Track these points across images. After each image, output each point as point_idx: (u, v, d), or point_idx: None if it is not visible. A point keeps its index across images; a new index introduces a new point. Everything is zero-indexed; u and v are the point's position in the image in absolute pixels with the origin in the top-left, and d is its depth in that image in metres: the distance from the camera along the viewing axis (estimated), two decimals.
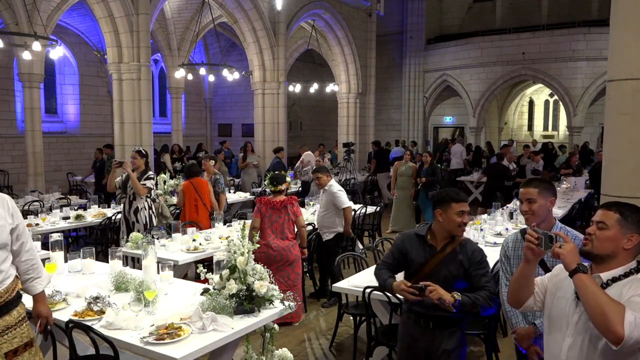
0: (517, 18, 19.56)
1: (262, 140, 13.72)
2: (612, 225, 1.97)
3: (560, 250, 1.93)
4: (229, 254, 3.21)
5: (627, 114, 2.93)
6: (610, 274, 1.96)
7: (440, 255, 2.84)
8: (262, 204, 5.12)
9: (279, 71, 13.43)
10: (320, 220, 6.06)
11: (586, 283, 1.84)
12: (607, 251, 1.97)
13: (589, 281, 1.84)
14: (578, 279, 1.86)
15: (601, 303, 1.77)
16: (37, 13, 10.15)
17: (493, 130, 20.84)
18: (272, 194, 5.21)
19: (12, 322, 2.51)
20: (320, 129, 21.73)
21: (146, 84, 10.23)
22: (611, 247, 1.97)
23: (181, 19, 14.99)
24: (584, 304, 1.85)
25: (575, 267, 1.88)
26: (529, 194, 2.73)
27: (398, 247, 2.98)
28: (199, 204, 6.55)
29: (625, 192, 2.96)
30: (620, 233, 1.96)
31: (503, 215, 6.64)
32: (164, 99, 18.68)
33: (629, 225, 1.96)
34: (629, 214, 1.98)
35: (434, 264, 2.83)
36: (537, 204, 2.71)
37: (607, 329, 1.74)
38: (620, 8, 2.98)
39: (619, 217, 1.97)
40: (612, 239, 1.97)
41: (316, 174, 6.05)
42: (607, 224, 1.98)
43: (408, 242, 2.95)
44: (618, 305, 1.77)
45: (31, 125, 10.92)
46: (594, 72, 16.28)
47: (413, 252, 2.90)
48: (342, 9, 15.44)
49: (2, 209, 2.56)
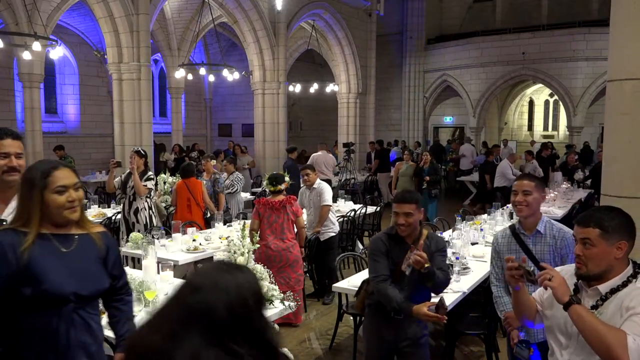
0: (517, 18, 19.55)
1: (262, 140, 13.71)
2: (597, 242, 1.90)
3: (550, 284, 1.89)
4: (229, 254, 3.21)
5: (627, 114, 2.94)
6: (609, 285, 1.92)
7: (416, 248, 2.95)
8: (260, 205, 5.10)
9: (279, 71, 13.43)
10: (312, 220, 6.03)
11: (582, 315, 1.80)
12: (602, 268, 1.91)
13: (584, 312, 1.81)
14: (574, 312, 1.82)
15: (601, 334, 1.75)
16: (37, 13, 10.15)
17: (493, 130, 20.84)
18: (271, 194, 5.19)
19: None
20: (320, 129, 21.71)
21: (146, 84, 10.23)
22: (605, 263, 1.91)
23: (181, 19, 14.99)
24: (583, 336, 1.82)
25: (569, 299, 1.84)
26: (525, 186, 2.83)
27: (381, 251, 3.01)
28: (191, 203, 6.55)
29: (625, 192, 2.96)
30: (608, 246, 1.90)
31: (503, 215, 6.64)
32: (164, 99, 18.68)
33: (613, 234, 1.90)
34: (608, 224, 1.91)
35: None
36: (532, 196, 2.81)
37: (611, 358, 1.73)
38: (620, 8, 2.98)
39: (600, 232, 1.90)
40: (602, 254, 1.91)
41: (305, 171, 6.04)
42: (592, 241, 1.91)
43: (387, 241, 3.02)
44: (617, 333, 1.75)
45: (31, 125, 10.92)
46: (594, 72, 16.28)
47: (393, 251, 2.99)
48: (342, 9, 15.44)
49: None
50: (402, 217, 2.91)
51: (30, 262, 1.89)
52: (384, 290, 2.91)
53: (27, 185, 2.00)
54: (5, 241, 1.91)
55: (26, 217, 1.96)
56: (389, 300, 2.90)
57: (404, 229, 2.94)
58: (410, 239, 2.98)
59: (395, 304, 2.87)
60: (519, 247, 2.87)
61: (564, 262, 2.74)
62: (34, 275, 1.89)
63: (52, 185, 1.97)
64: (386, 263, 2.98)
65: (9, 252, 1.89)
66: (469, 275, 4.29)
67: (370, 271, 3.10)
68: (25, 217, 1.97)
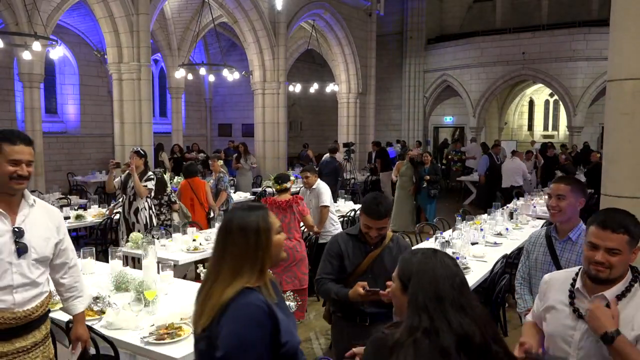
0: (517, 18, 19.55)
1: (262, 140, 13.71)
2: (624, 249, 1.85)
3: (596, 313, 1.81)
4: None
5: (627, 114, 2.93)
6: (614, 291, 1.88)
7: (376, 252, 2.89)
8: (267, 204, 5.12)
9: (279, 71, 13.43)
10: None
11: (626, 349, 1.74)
12: (620, 273, 1.88)
13: (626, 345, 1.75)
14: (621, 344, 1.74)
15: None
16: (37, 13, 10.15)
17: (493, 130, 20.83)
18: (276, 194, 5.21)
19: (40, 338, 2.44)
20: (320, 129, 21.71)
21: (146, 84, 10.23)
22: (624, 268, 1.88)
23: (181, 19, 14.99)
24: None
25: (613, 331, 1.77)
26: (560, 190, 2.71)
27: (333, 252, 2.96)
28: (195, 203, 6.60)
29: (625, 192, 2.95)
30: (629, 252, 1.87)
31: (503, 215, 6.64)
32: (164, 99, 18.68)
33: (634, 241, 1.87)
34: (633, 230, 1.86)
35: (372, 259, 2.89)
36: (566, 201, 2.69)
37: None
38: (620, 8, 2.98)
39: (629, 239, 1.85)
40: (625, 260, 1.87)
41: (305, 173, 6.05)
42: (620, 250, 1.84)
43: (343, 243, 2.95)
44: None
45: (31, 125, 10.92)
46: (594, 72, 16.27)
47: (350, 252, 2.92)
48: (342, 9, 15.43)
49: (51, 222, 2.48)
50: (376, 231, 2.83)
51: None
52: (323, 287, 2.92)
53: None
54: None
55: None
56: (327, 293, 2.91)
57: (375, 239, 2.88)
58: (372, 242, 2.91)
59: (333, 295, 2.85)
60: (547, 251, 2.77)
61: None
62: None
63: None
64: (336, 265, 2.92)
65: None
66: (469, 275, 4.29)
67: (317, 271, 3.06)
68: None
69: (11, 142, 2.27)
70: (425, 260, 1.48)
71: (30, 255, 2.36)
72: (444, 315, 1.36)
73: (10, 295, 2.30)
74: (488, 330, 1.39)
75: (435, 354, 1.33)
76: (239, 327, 1.62)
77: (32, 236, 2.36)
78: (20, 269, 2.33)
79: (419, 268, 1.47)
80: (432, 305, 1.38)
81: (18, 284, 2.32)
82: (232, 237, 1.72)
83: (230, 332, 1.61)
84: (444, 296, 1.39)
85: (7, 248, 2.29)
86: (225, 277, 1.69)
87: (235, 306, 1.64)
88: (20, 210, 2.37)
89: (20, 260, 2.33)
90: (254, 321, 1.63)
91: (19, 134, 2.34)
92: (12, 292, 2.30)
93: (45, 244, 2.42)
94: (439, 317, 1.36)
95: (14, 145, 2.28)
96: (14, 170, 2.27)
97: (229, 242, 1.72)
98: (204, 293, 1.73)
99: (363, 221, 2.85)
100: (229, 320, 1.63)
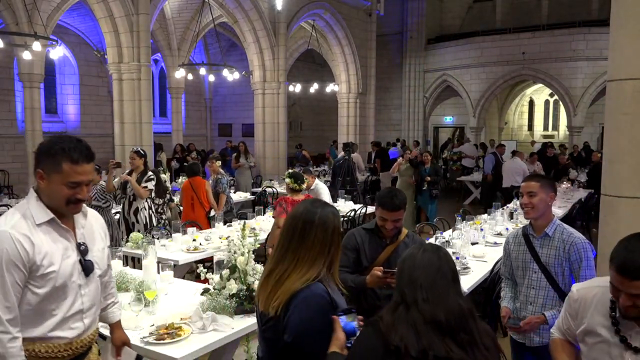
0: (517, 18, 19.55)
1: (262, 140, 13.71)
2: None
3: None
4: (229, 253, 3.21)
5: (627, 114, 2.93)
6: None
7: (393, 246, 2.94)
8: (287, 204, 5.00)
9: (279, 71, 13.43)
10: None
11: None
12: None
13: None
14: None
15: None
16: (37, 13, 10.15)
17: (493, 130, 20.84)
18: (290, 193, 5.16)
19: (94, 357, 2.23)
20: (320, 129, 21.71)
21: (146, 84, 10.23)
22: None
23: (181, 19, 14.99)
24: None
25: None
26: (530, 187, 2.80)
27: (350, 246, 3.00)
28: (195, 202, 6.62)
29: (625, 192, 2.95)
30: None
31: (503, 215, 6.63)
32: (164, 99, 18.68)
33: None
34: None
35: (388, 254, 2.93)
36: (537, 197, 2.77)
37: None
38: (621, 8, 2.98)
39: None
40: None
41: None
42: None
43: (359, 237, 3.00)
44: None
45: (31, 125, 10.93)
46: (594, 72, 16.27)
47: (366, 246, 2.97)
48: (342, 9, 15.44)
49: (101, 229, 2.21)
50: (391, 223, 2.87)
51: None
52: (339, 277, 2.93)
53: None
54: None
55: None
56: (344, 283, 2.89)
57: (391, 232, 2.92)
58: (389, 236, 2.96)
59: (350, 282, 2.87)
60: (527, 249, 2.85)
61: (572, 268, 2.71)
62: None
63: None
64: (352, 257, 2.96)
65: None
66: (469, 275, 4.29)
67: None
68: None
69: (72, 160, 1.91)
70: (411, 252, 1.70)
71: (96, 272, 2.12)
72: (414, 296, 1.59)
73: (81, 322, 2.06)
74: (455, 318, 1.56)
75: (407, 322, 1.56)
76: (311, 314, 1.79)
77: (92, 250, 2.11)
78: (89, 290, 2.08)
79: (404, 256, 1.71)
80: (407, 288, 1.61)
81: (88, 307, 2.08)
82: (314, 229, 1.87)
83: (302, 319, 1.78)
84: (416, 279, 1.61)
85: (77, 268, 2.02)
86: (302, 265, 1.85)
87: (305, 295, 1.80)
88: (77, 221, 2.08)
89: (88, 280, 2.08)
90: (323, 311, 1.80)
91: (81, 148, 1.95)
92: (82, 318, 2.06)
93: (103, 256, 2.19)
94: (411, 296, 1.59)
95: (76, 165, 1.92)
96: (72, 194, 1.94)
97: (310, 234, 1.87)
98: (277, 276, 1.88)
99: (378, 214, 2.91)
100: (300, 308, 1.79)
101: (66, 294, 1.98)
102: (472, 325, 1.57)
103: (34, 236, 1.90)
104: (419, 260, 1.65)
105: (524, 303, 2.85)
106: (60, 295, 1.97)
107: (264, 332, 1.93)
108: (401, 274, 1.66)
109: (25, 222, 1.91)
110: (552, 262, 2.76)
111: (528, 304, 2.82)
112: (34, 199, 1.96)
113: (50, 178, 1.92)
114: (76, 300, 2.02)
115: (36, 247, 1.89)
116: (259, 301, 1.95)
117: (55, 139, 1.96)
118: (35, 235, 1.91)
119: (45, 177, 1.93)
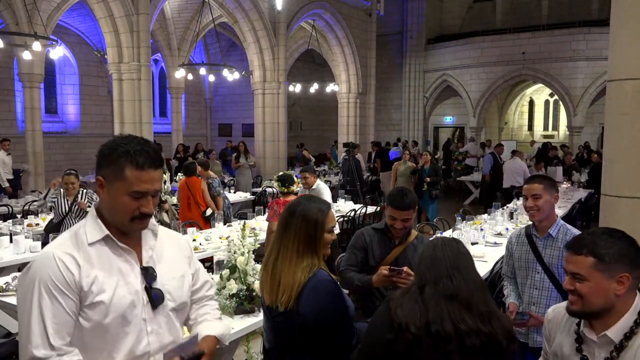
0: (517, 18, 19.55)
1: (262, 140, 13.71)
2: (589, 274, 1.54)
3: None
4: (229, 253, 3.21)
5: (627, 114, 2.93)
6: (619, 329, 1.56)
7: (402, 247, 2.93)
8: (278, 206, 5.01)
9: (279, 71, 13.43)
10: None
11: None
12: (599, 306, 1.56)
13: None
14: None
15: None
16: (37, 13, 10.15)
17: (493, 130, 20.83)
18: (282, 195, 5.17)
19: None
20: (320, 129, 21.72)
21: (146, 84, 10.23)
22: (602, 300, 1.55)
23: (181, 19, 14.99)
24: None
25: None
26: (534, 190, 2.77)
27: (358, 244, 3.00)
28: (191, 202, 6.65)
29: (625, 192, 2.95)
30: (605, 279, 1.53)
31: (503, 215, 6.63)
32: (164, 99, 18.68)
33: (611, 265, 1.53)
34: (604, 252, 1.53)
35: (396, 255, 2.92)
36: (542, 199, 2.75)
37: None
38: (621, 8, 2.98)
39: (594, 261, 1.54)
40: (598, 289, 1.54)
41: (303, 174, 6.05)
42: (582, 275, 1.55)
43: (368, 237, 3.00)
44: None
45: (31, 125, 10.93)
46: (594, 72, 16.27)
47: (374, 246, 2.97)
48: (342, 9, 15.43)
49: (180, 253, 1.77)
50: (400, 222, 2.86)
51: None
52: (346, 275, 2.97)
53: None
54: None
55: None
56: (350, 282, 2.92)
57: (401, 232, 2.91)
58: (398, 236, 2.96)
59: (356, 281, 2.87)
60: (530, 249, 2.84)
61: None
62: None
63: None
64: (360, 257, 2.96)
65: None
66: None
67: (342, 263, 3.10)
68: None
69: (137, 165, 1.56)
70: (428, 244, 1.89)
71: (167, 304, 1.66)
72: (437, 273, 1.74)
73: None
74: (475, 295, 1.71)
75: (415, 300, 1.71)
76: (326, 300, 1.93)
77: (164, 277, 1.66)
78: (157, 327, 1.64)
79: (422, 249, 1.89)
80: (428, 270, 1.77)
81: (155, 349, 1.63)
82: (295, 219, 1.99)
83: (322, 308, 1.91)
84: (439, 261, 1.78)
85: (140, 298, 1.59)
86: (291, 256, 1.96)
87: (314, 284, 1.93)
88: (145, 241, 1.67)
89: (157, 314, 1.63)
90: (335, 293, 1.97)
91: (148, 151, 1.60)
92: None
93: (181, 286, 1.72)
94: (433, 274, 1.75)
95: (141, 171, 1.56)
96: (137, 207, 1.56)
97: (292, 223, 1.99)
98: (270, 265, 2.01)
99: (388, 213, 2.91)
100: (314, 298, 1.91)
101: (126, 331, 1.57)
102: (490, 299, 1.70)
103: (81, 256, 1.54)
104: (439, 247, 1.81)
105: (527, 303, 2.85)
106: (118, 332, 1.56)
107: (274, 325, 2.01)
108: (421, 260, 1.80)
109: (73, 241, 1.57)
110: (555, 262, 2.75)
111: (531, 305, 2.82)
112: (92, 216, 1.62)
113: (111, 186, 1.57)
114: (141, 340, 1.59)
115: (83, 269, 1.52)
116: (263, 294, 2.05)
117: (118, 139, 1.65)
118: (82, 255, 1.54)
119: (105, 184, 1.58)
